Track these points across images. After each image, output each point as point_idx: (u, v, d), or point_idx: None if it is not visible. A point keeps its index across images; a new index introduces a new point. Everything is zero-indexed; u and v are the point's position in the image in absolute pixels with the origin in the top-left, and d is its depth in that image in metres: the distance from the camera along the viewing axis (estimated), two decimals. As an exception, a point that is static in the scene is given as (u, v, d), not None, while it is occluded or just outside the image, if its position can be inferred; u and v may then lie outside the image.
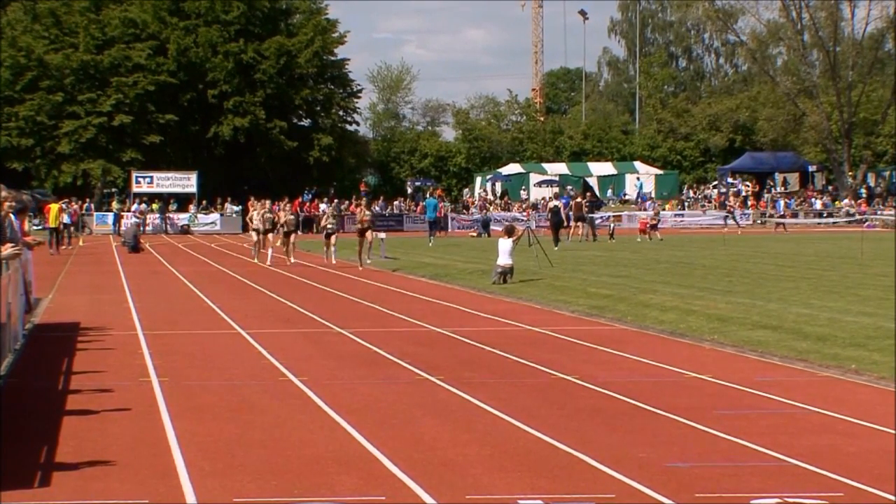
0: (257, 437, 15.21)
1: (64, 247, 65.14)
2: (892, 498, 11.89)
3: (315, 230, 77.13)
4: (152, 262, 54.69)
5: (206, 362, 22.06)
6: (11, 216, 22.01)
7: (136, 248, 63.54)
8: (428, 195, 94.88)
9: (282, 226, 51.86)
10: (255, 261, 51.72)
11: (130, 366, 21.28)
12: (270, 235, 50.83)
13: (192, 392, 18.55)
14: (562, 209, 73.15)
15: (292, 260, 49.93)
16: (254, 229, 53.65)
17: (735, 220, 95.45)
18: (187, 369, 21.04)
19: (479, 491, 12.15)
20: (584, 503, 11.70)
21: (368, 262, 48.44)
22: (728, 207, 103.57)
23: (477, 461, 13.75)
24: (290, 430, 15.75)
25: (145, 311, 31.21)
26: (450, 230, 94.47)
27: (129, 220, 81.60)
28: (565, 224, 70.94)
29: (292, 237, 51.85)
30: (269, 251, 49.99)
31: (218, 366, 21.65)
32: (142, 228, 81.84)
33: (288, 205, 60.21)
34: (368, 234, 48.99)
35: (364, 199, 65.48)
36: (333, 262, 49.34)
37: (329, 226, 50.83)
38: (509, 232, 40.85)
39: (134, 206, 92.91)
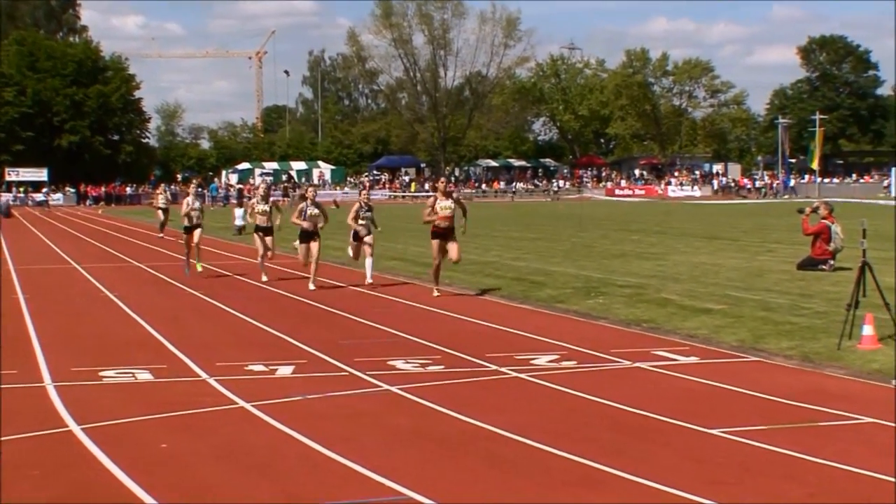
0: (85, 330, 14.79)
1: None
2: (467, 357, 12.12)
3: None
4: (19, 225, 52.30)
5: (54, 284, 21.30)
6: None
7: (7, 214, 60.93)
8: (193, 181, 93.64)
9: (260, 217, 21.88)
10: (187, 271, 22.83)
11: (5, 287, 20.35)
12: (269, 239, 21.48)
13: (44, 302, 17.91)
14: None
15: (265, 278, 21.55)
16: (185, 226, 23.20)
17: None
18: (42, 289, 20.27)
19: (225, 360, 11.99)
20: (289, 364, 11.65)
21: (436, 291, 18.61)
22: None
23: (223, 343, 13.60)
24: (107, 325, 15.36)
25: (15, 254, 29.92)
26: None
27: (2, 197, 78.17)
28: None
29: (269, 239, 21.57)
30: (262, 261, 21.80)
31: (61, 286, 20.93)
32: (11, 201, 78.64)
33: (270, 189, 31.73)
34: (452, 246, 18.37)
35: (444, 180, 20.22)
36: (369, 279, 19.99)
37: (361, 224, 20.36)
38: (240, 204, 41.39)
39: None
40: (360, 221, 20.36)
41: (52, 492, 7.05)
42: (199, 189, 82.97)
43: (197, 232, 23.06)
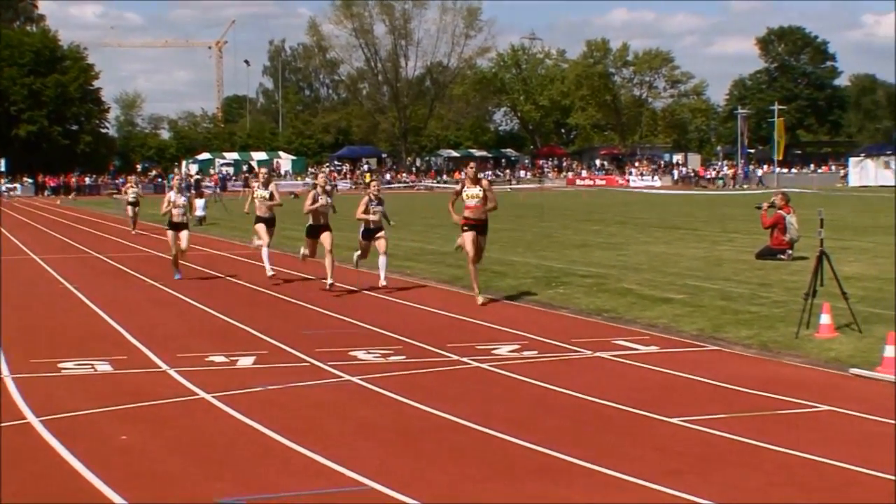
0: (44, 321, 14.66)
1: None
2: (429, 347, 12.13)
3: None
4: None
5: (14, 275, 21.07)
6: None
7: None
8: (154, 172, 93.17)
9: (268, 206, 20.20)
10: (176, 275, 19.88)
11: (-39, 279, 20.16)
12: (264, 228, 19.83)
13: (2, 293, 17.69)
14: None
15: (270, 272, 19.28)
16: (171, 222, 20.11)
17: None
18: (2, 280, 20.09)
19: (186, 351, 11.93)
20: (250, 355, 11.61)
21: (480, 298, 15.83)
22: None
23: (184, 333, 13.53)
24: (66, 316, 15.24)
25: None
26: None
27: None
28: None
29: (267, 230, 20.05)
30: (269, 261, 19.45)
31: (21, 278, 20.72)
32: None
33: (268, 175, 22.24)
34: (478, 240, 16.47)
35: (474, 165, 17.66)
36: (383, 280, 17.83)
37: (372, 219, 18.52)
38: (200, 195, 41.41)
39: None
40: (371, 217, 18.42)
41: (10, 486, 6.99)
42: (183, 183, 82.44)
43: (184, 234, 20.01)
